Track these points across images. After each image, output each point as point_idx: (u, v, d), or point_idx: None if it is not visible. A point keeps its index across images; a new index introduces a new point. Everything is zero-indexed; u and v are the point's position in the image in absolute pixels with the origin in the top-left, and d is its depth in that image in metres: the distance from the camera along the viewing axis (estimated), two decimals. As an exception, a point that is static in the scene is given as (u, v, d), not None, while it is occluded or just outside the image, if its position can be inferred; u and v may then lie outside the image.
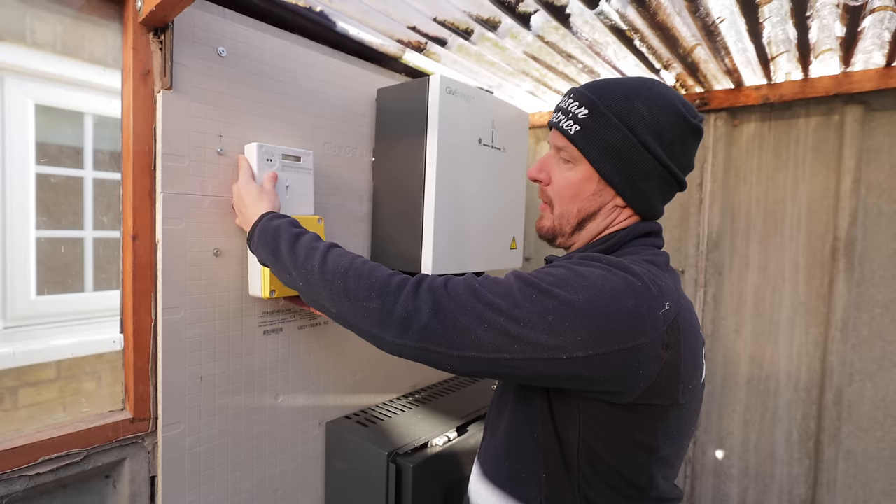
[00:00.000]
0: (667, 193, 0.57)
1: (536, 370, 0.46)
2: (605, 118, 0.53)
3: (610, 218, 0.58)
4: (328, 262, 0.55)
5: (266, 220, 0.67)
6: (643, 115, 0.52)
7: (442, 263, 0.94)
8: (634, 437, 0.49)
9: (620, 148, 0.53)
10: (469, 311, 0.47)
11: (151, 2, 0.69)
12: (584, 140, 0.54)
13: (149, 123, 0.76)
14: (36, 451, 0.68)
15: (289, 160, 0.80)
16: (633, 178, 0.54)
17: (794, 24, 0.86)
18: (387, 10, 0.87)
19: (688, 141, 0.55)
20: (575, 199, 0.57)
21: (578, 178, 0.56)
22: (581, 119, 0.54)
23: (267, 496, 0.91)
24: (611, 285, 0.46)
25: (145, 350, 0.77)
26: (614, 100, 0.53)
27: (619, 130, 0.53)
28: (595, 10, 0.85)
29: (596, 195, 0.56)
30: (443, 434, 0.95)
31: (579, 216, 0.58)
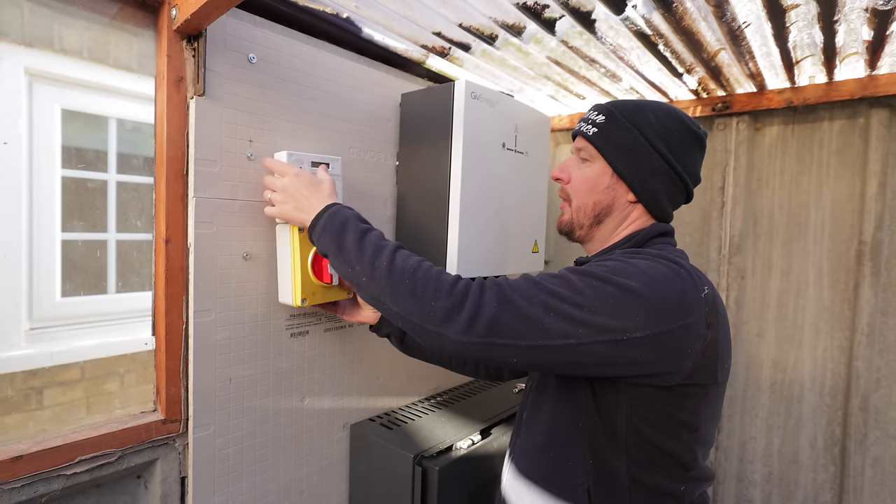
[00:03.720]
0: (674, 195, 0.64)
1: (600, 354, 0.49)
2: (619, 121, 0.62)
3: (624, 214, 0.64)
4: (396, 261, 0.57)
5: (333, 210, 0.67)
6: (651, 121, 0.61)
7: (466, 266, 0.94)
8: (679, 417, 0.53)
9: (631, 146, 0.61)
10: (535, 301, 0.50)
11: (187, 10, 0.70)
12: (600, 139, 0.63)
13: (182, 129, 0.77)
14: (73, 451, 0.69)
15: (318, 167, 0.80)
16: (641, 173, 0.61)
17: (821, 28, 0.85)
18: (413, 16, 0.88)
19: (691, 147, 0.62)
20: (591, 193, 0.64)
21: (594, 173, 0.64)
22: (598, 123, 0.64)
23: (293, 498, 0.91)
24: (659, 271, 0.52)
25: (177, 352, 0.78)
26: (628, 109, 0.63)
27: (630, 131, 0.61)
28: (621, 15, 0.85)
29: (609, 189, 0.63)
30: (467, 437, 0.95)
31: (595, 209, 0.64)
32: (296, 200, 0.73)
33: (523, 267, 1.12)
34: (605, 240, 0.66)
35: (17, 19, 0.98)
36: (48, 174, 1.22)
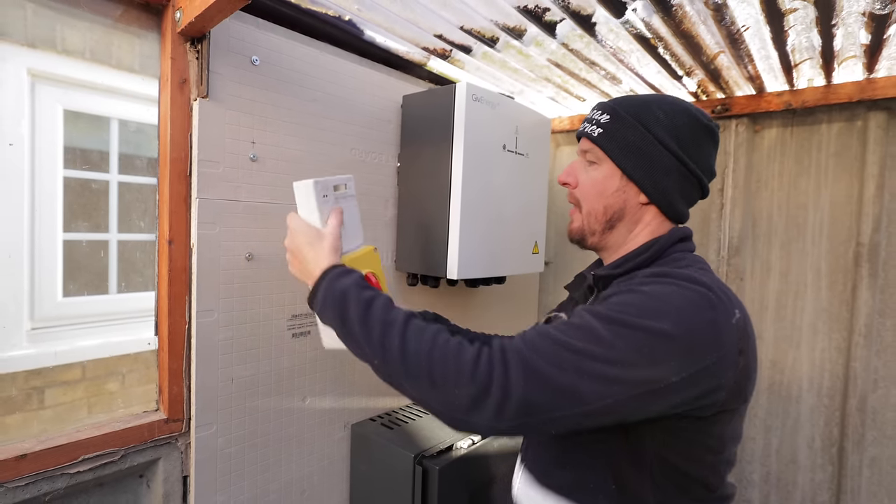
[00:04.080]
0: (688, 193, 0.60)
1: (637, 405, 0.45)
2: (624, 120, 0.58)
3: (637, 217, 0.60)
4: (409, 342, 0.49)
5: (331, 276, 0.57)
6: (659, 117, 0.57)
7: (467, 267, 0.95)
8: (706, 443, 0.51)
9: (639, 145, 0.57)
10: (565, 367, 0.45)
11: (191, 13, 0.71)
12: (606, 140, 0.59)
13: (185, 131, 0.78)
14: (77, 450, 0.69)
15: (338, 191, 0.67)
16: (652, 173, 0.57)
17: (820, 31, 0.86)
18: (414, 18, 0.89)
19: (703, 141, 0.58)
20: (600, 197, 0.60)
21: (602, 175, 0.60)
22: (603, 123, 0.60)
23: (294, 497, 0.92)
24: (688, 301, 0.47)
25: (179, 352, 0.78)
26: (633, 106, 0.59)
27: (637, 129, 0.57)
28: (621, 19, 0.86)
29: (620, 192, 0.59)
30: (467, 437, 0.95)
31: (606, 214, 0.60)
32: (300, 262, 0.63)
33: (524, 268, 1.13)
34: (620, 245, 0.62)
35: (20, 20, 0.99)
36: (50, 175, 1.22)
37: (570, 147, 1.56)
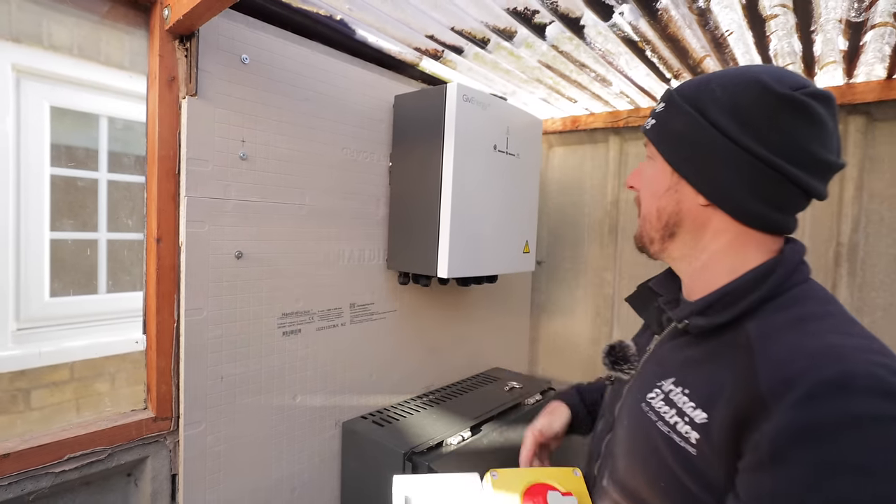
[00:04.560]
0: (770, 192, 0.44)
1: None
2: (678, 106, 0.48)
3: (700, 223, 0.48)
4: None
5: None
6: (716, 95, 0.45)
7: (457, 266, 0.96)
8: None
9: (688, 133, 0.47)
10: None
11: (179, 11, 0.71)
12: (656, 133, 0.51)
13: (174, 129, 0.78)
14: (62, 449, 0.69)
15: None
16: (706, 166, 0.46)
17: (800, 37, 0.89)
18: (405, 19, 0.90)
19: (785, 119, 0.42)
20: (653, 198, 0.52)
21: (655, 173, 0.52)
22: (657, 113, 0.52)
23: (284, 495, 0.92)
24: (890, 461, 0.32)
25: (168, 350, 0.78)
26: (690, 88, 0.49)
27: (688, 115, 0.47)
28: (608, 22, 0.87)
29: (671, 191, 0.50)
30: (457, 433, 0.96)
31: (661, 218, 0.51)
32: None
33: (515, 267, 1.14)
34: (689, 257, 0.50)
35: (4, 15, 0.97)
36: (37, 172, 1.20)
37: (563, 148, 1.58)
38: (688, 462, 0.42)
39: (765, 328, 0.42)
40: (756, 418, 0.37)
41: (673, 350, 0.50)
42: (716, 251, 0.48)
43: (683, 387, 0.45)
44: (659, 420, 0.46)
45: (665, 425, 0.45)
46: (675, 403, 0.45)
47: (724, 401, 0.40)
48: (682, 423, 0.43)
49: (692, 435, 0.42)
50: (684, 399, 0.44)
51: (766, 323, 0.42)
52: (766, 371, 0.38)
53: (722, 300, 0.45)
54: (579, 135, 1.52)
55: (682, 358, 0.48)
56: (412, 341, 1.17)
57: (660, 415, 0.46)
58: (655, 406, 0.47)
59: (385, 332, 1.10)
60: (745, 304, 0.43)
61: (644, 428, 0.48)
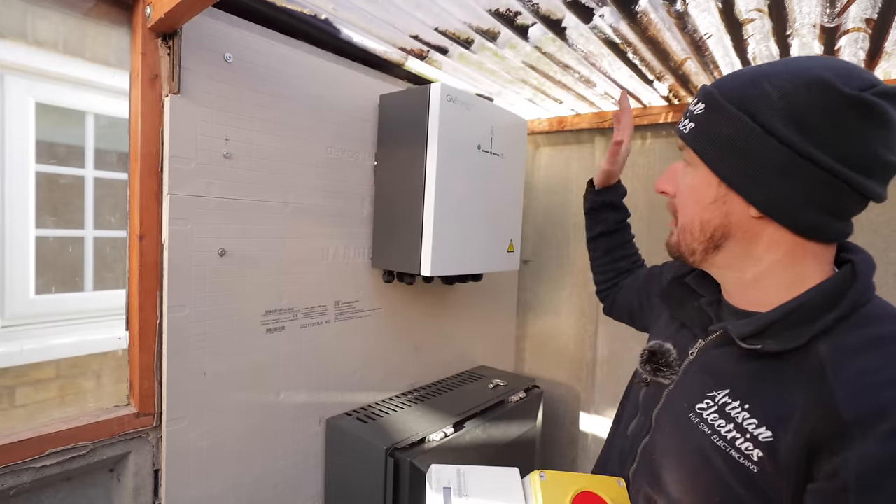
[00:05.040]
0: (829, 200, 0.41)
1: None
2: (722, 108, 0.44)
3: (753, 234, 0.45)
4: None
5: None
6: (770, 97, 0.41)
7: (440, 264, 0.97)
8: None
9: (738, 139, 0.43)
10: None
11: (161, 9, 0.71)
12: (697, 137, 0.46)
13: (156, 127, 0.78)
14: (43, 444, 0.70)
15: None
16: (758, 177, 0.42)
17: (776, 41, 0.90)
18: (389, 19, 0.90)
19: (849, 121, 0.39)
20: (696, 207, 0.48)
21: (696, 182, 0.48)
22: (696, 115, 0.46)
23: (268, 490, 0.93)
24: None
25: (150, 347, 0.79)
26: (736, 87, 0.44)
27: (737, 119, 0.42)
28: (589, 24, 0.88)
29: (718, 203, 0.46)
30: (440, 430, 0.98)
31: (705, 231, 0.47)
32: None
33: (499, 266, 1.16)
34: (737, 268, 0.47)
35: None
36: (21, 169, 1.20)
37: (549, 148, 1.59)
38: (748, 479, 0.41)
39: (839, 350, 0.40)
40: (837, 444, 0.37)
41: (724, 359, 0.47)
42: (771, 263, 0.45)
43: (742, 402, 0.43)
44: (714, 434, 0.44)
45: (721, 440, 0.44)
46: (732, 418, 0.43)
47: (796, 423, 0.39)
48: (742, 439, 0.42)
49: (754, 453, 0.41)
50: (745, 415, 0.43)
51: (839, 344, 0.40)
52: (849, 397, 0.37)
53: (790, 317, 0.42)
54: (565, 135, 1.54)
55: (739, 371, 0.45)
56: (397, 339, 1.18)
57: (714, 428, 0.45)
58: (708, 418, 0.45)
59: (369, 330, 1.11)
60: (821, 324, 0.41)
61: (695, 440, 0.46)
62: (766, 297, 0.46)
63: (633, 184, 1.42)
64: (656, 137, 1.38)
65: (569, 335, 1.55)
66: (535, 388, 1.29)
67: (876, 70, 1.01)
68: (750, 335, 0.44)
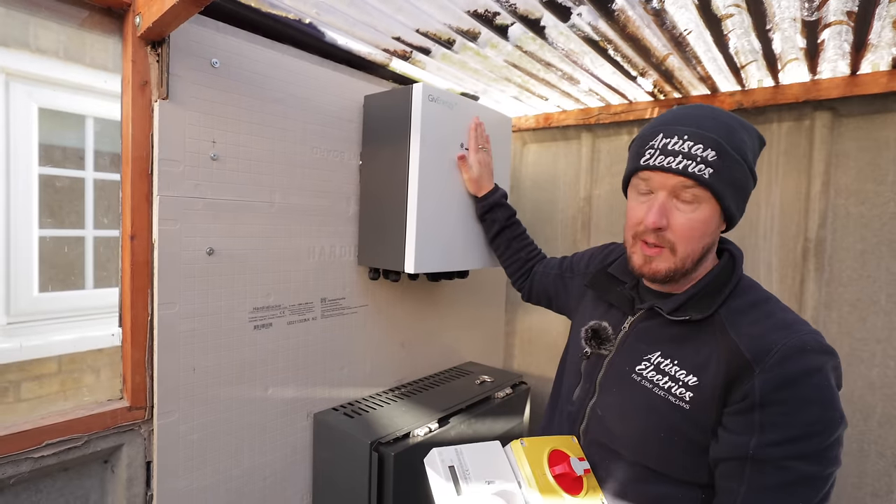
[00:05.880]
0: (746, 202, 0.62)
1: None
2: (732, 157, 0.56)
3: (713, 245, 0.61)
4: None
5: None
6: (749, 145, 0.58)
7: (424, 261, 0.99)
8: None
9: (742, 181, 0.57)
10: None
11: (149, 18, 0.74)
12: (720, 182, 0.55)
13: (146, 131, 0.81)
14: (41, 436, 0.73)
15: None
16: (743, 203, 0.59)
17: (757, 35, 0.90)
18: (371, 21, 0.92)
19: (759, 150, 0.61)
20: (702, 238, 0.58)
21: (705, 217, 0.57)
22: (712, 162, 0.55)
23: (256, 483, 0.96)
24: (831, 392, 0.52)
25: (142, 343, 0.82)
26: (728, 136, 0.56)
27: (741, 165, 0.56)
28: (567, 22, 0.89)
29: (717, 229, 0.60)
30: (425, 425, 0.99)
31: (702, 252, 0.59)
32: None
33: (484, 262, 1.17)
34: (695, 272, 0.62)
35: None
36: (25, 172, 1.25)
37: (536, 145, 1.60)
38: (682, 414, 0.56)
39: (731, 312, 0.57)
40: (743, 377, 0.53)
41: (652, 329, 0.62)
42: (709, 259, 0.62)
43: (672, 359, 0.59)
44: (654, 387, 0.59)
45: (660, 390, 0.58)
46: (666, 372, 0.58)
47: (713, 367, 0.55)
48: (676, 386, 0.57)
49: (686, 395, 0.56)
50: (676, 368, 0.58)
51: (730, 308, 0.58)
52: (746, 343, 0.54)
53: (699, 293, 0.60)
54: (552, 132, 1.54)
55: (664, 336, 0.61)
56: (384, 335, 1.20)
57: (653, 382, 0.59)
58: (647, 375, 0.60)
59: (356, 327, 1.13)
60: (722, 297, 0.58)
61: (639, 394, 0.60)
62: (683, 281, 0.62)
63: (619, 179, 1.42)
64: (645, 134, 1.38)
65: (557, 331, 1.56)
66: (522, 383, 1.30)
67: (863, 62, 1.00)
68: (675, 309, 0.60)
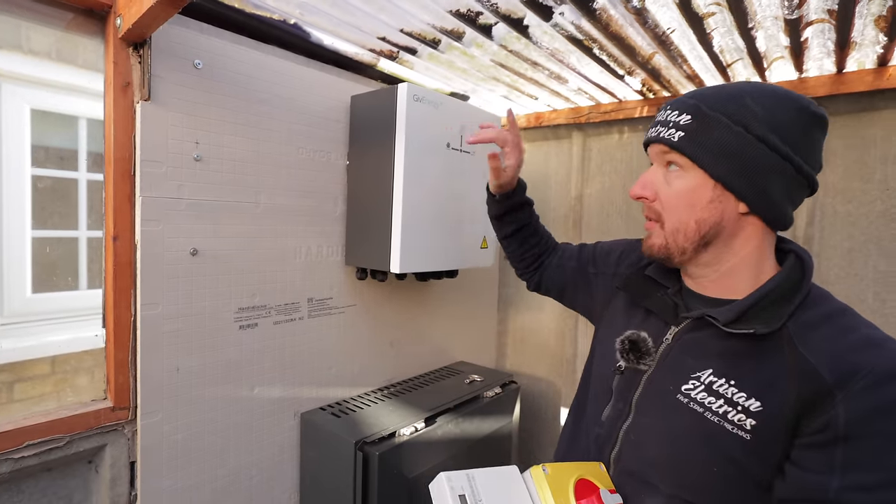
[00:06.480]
0: (796, 193, 0.51)
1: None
2: (713, 119, 0.49)
3: (736, 230, 0.52)
4: None
5: None
6: (755, 111, 0.48)
7: (409, 261, 0.99)
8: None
9: (735, 147, 0.49)
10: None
11: (129, 20, 0.74)
12: (691, 144, 0.50)
13: (129, 132, 0.81)
14: (21, 436, 0.73)
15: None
16: (755, 178, 0.49)
17: (741, 34, 0.90)
18: (356, 22, 0.92)
19: (813, 132, 0.50)
20: (691, 209, 0.52)
21: (690, 185, 0.51)
22: (684, 125, 0.51)
23: (243, 482, 0.96)
24: None
25: (125, 343, 0.82)
26: (720, 101, 0.50)
27: (731, 129, 0.49)
28: (550, 22, 0.89)
29: (714, 203, 0.51)
30: (411, 424, 1.00)
31: (700, 230, 0.52)
32: None
33: (472, 262, 1.17)
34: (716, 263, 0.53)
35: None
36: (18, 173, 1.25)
37: (528, 144, 1.60)
38: (742, 446, 0.47)
39: (802, 326, 0.48)
40: (821, 403, 0.44)
41: (702, 342, 0.53)
42: (744, 255, 0.52)
43: (728, 379, 0.49)
44: (706, 411, 0.49)
45: (713, 415, 0.49)
46: (721, 394, 0.49)
47: (781, 390, 0.46)
48: (733, 412, 0.48)
49: (747, 422, 0.47)
50: (733, 390, 0.48)
51: (799, 321, 0.48)
52: (825, 362, 0.45)
53: (762, 301, 0.50)
54: (543, 131, 1.54)
55: (717, 352, 0.51)
56: (372, 335, 1.20)
57: (705, 405, 0.50)
58: (697, 397, 0.50)
59: (344, 326, 1.13)
60: (792, 306, 0.49)
61: (688, 419, 0.50)
62: (737, 285, 0.53)
63: (610, 178, 1.42)
64: (633, 132, 1.38)
65: (549, 330, 1.55)
66: (511, 383, 1.30)
67: (849, 60, 1.00)
68: (734, 319, 0.50)
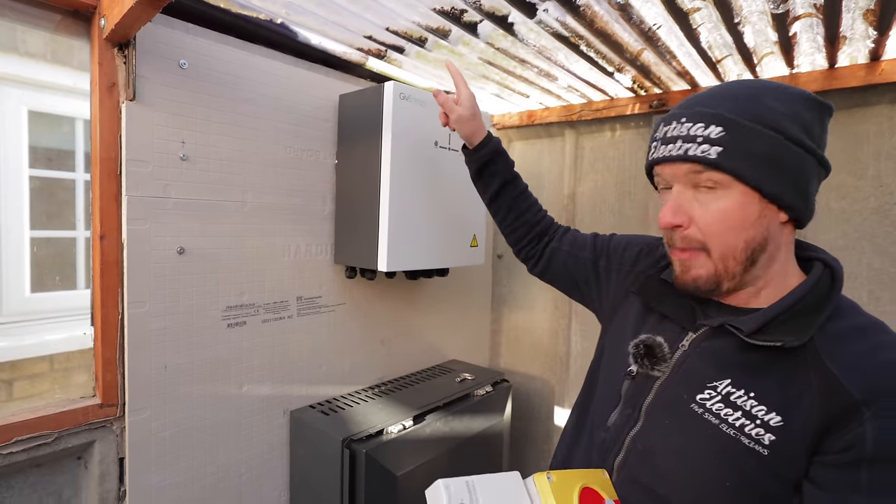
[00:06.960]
0: (817, 190, 0.49)
1: None
2: (748, 128, 0.46)
3: (778, 241, 0.49)
4: None
5: None
6: (784, 113, 0.45)
7: (397, 259, 0.99)
8: None
9: (777, 155, 0.45)
10: None
11: (112, 20, 0.75)
12: (732, 160, 0.46)
13: (114, 132, 0.82)
14: (9, 432, 0.74)
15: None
16: (799, 184, 0.46)
17: (728, 29, 0.89)
18: (342, 21, 0.92)
19: (825, 124, 0.48)
20: (739, 230, 0.47)
21: (733, 204, 0.47)
22: (717, 139, 0.46)
23: (232, 480, 0.97)
24: None
25: (113, 341, 0.83)
26: (741, 106, 0.47)
27: (769, 136, 0.45)
28: (534, 18, 0.89)
29: (761, 218, 0.47)
30: (399, 422, 1.00)
31: (747, 249, 0.48)
32: None
33: (462, 261, 1.17)
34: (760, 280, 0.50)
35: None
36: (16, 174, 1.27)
37: (521, 142, 1.59)
38: (760, 461, 0.44)
39: (829, 338, 0.45)
40: (846, 420, 0.42)
41: (721, 351, 0.50)
42: (781, 263, 0.49)
43: (747, 391, 0.46)
44: (721, 423, 0.47)
45: (730, 427, 0.46)
46: (739, 406, 0.46)
47: (805, 405, 0.43)
48: (752, 425, 0.45)
49: (766, 437, 0.44)
50: (752, 403, 0.46)
51: (826, 332, 0.46)
52: (852, 378, 0.43)
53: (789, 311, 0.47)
54: (536, 129, 1.54)
55: (738, 362, 0.48)
56: (363, 334, 1.20)
57: (721, 417, 0.47)
58: (713, 408, 0.48)
59: (334, 325, 1.13)
60: (822, 317, 0.45)
61: (702, 429, 0.48)
62: (759, 293, 0.50)
63: (602, 176, 1.42)
64: (625, 129, 1.37)
65: (543, 329, 1.55)
66: (503, 381, 1.30)
67: (840, 55, 0.99)
68: (757, 330, 0.47)
